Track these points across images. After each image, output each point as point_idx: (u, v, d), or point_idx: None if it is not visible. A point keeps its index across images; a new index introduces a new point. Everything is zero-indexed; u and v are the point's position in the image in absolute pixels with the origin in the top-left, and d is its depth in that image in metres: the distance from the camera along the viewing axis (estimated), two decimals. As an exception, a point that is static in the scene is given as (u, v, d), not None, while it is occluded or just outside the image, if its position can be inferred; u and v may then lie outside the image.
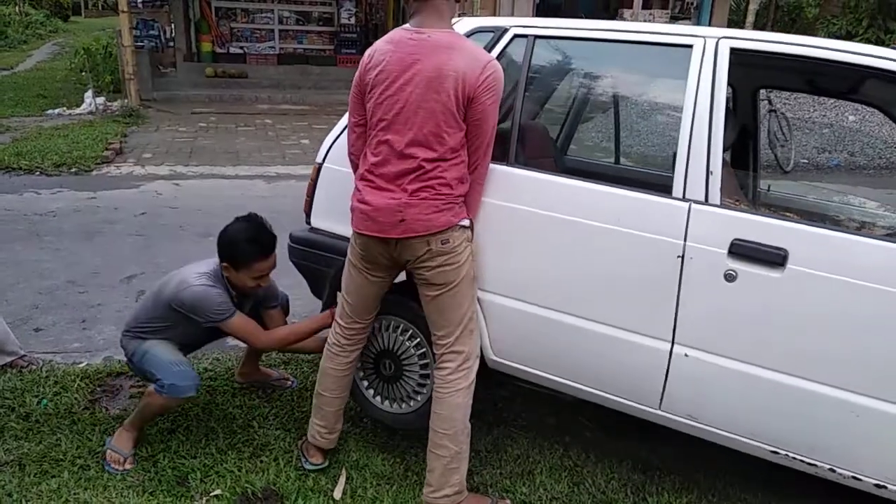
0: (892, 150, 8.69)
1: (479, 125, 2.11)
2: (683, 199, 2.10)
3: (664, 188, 2.16)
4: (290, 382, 3.07)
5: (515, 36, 2.43)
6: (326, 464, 2.52)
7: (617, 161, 3.87)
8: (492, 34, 2.46)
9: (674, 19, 13.80)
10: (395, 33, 2.16)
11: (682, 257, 2.06)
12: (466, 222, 2.21)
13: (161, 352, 2.50)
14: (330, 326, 2.51)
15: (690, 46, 2.17)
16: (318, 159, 2.67)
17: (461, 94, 2.04)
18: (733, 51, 2.12)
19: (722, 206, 2.07)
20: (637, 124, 8.54)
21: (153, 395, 2.45)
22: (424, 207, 2.09)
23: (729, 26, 14.65)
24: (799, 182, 7.42)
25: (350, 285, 2.35)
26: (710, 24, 13.76)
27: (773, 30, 15.75)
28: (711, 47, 2.14)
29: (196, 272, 2.50)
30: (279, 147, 8.14)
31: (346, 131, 2.42)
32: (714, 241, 2.03)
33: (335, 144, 2.62)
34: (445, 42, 2.07)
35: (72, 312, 3.74)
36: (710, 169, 2.08)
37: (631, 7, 11.63)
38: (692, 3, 13.94)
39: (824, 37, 13.27)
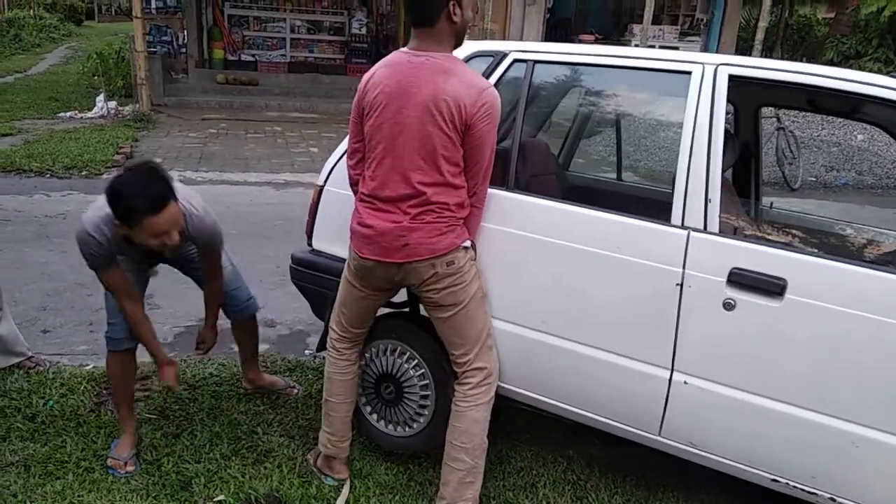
0: (901, 170, 8.68)
1: (476, 151, 2.11)
2: (682, 226, 2.09)
3: (663, 217, 2.15)
4: (295, 390, 3.07)
5: (515, 61, 2.44)
6: (347, 478, 2.50)
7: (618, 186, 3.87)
8: (492, 58, 2.46)
9: (683, 35, 13.85)
10: (394, 56, 2.17)
11: (681, 285, 2.06)
12: (468, 243, 2.21)
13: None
14: (164, 374, 2.53)
15: (689, 73, 2.17)
16: (320, 182, 2.68)
17: (458, 121, 2.04)
18: (732, 78, 2.11)
19: (721, 234, 2.07)
20: (635, 153, 8.56)
21: (107, 355, 2.52)
22: (427, 231, 2.09)
23: (738, 44, 14.69)
24: (806, 199, 7.41)
25: (346, 300, 2.35)
26: (719, 42, 13.79)
27: (782, 48, 15.80)
28: (710, 74, 2.13)
29: (98, 213, 2.25)
30: (288, 154, 8.18)
31: (344, 157, 2.44)
32: (713, 269, 2.03)
33: (336, 167, 2.62)
34: (443, 67, 2.07)
35: (79, 315, 3.76)
36: (709, 197, 2.07)
37: (640, 23, 11.66)
38: (702, 20, 13.98)
39: (833, 56, 13.30)
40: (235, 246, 4.93)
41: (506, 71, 2.44)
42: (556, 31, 14.63)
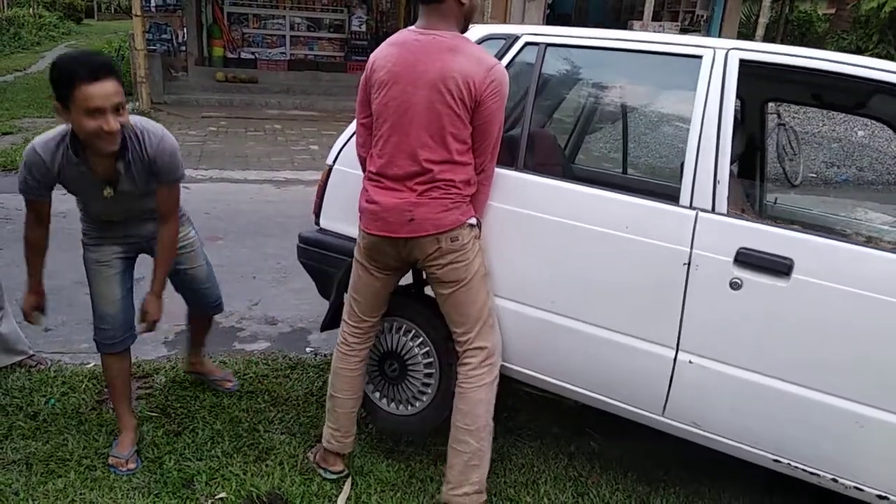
0: (902, 166, 8.67)
1: (485, 128, 2.13)
2: (691, 207, 2.11)
3: (671, 198, 2.17)
4: (230, 384, 3.02)
5: (527, 44, 2.45)
6: (347, 471, 2.51)
7: (625, 171, 3.88)
8: (503, 41, 2.48)
9: (684, 31, 13.83)
10: (401, 34, 2.18)
11: (689, 265, 2.07)
12: (474, 220, 2.23)
13: (96, 293, 2.47)
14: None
15: (700, 57, 2.19)
16: (329, 161, 2.69)
17: (467, 98, 2.05)
18: (742, 62, 2.13)
19: (729, 214, 2.08)
20: (646, 134, 8.56)
21: (101, 356, 2.52)
22: (433, 206, 2.11)
23: (739, 39, 14.67)
24: (807, 195, 7.40)
25: (357, 284, 2.36)
26: (719, 37, 13.78)
27: (783, 43, 15.76)
28: (721, 58, 2.15)
29: (51, 133, 2.23)
30: (288, 152, 8.18)
31: (353, 137, 2.44)
32: (720, 249, 2.04)
33: (346, 146, 2.64)
34: (450, 44, 2.08)
35: (80, 313, 3.75)
36: (718, 178, 2.09)
37: (641, 19, 11.65)
38: (702, 16, 13.96)
39: (834, 51, 13.26)
40: (235, 243, 4.95)
41: (517, 54, 2.45)
42: (556, 26, 14.62)
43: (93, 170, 2.24)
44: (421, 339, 2.50)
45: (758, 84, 2.85)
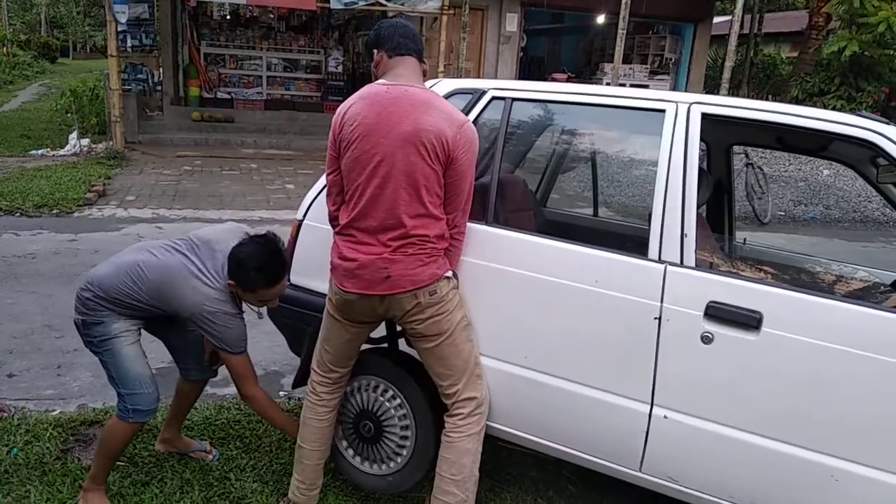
0: (865, 204, 8.90)
1: (457, 183, 2.14)
2: (659, 260, 2.12)
3: (640, 252, 2.17)
4: (211, 455, 2.83)
5: (493, 98, 2.47)
6: None
7: (596, 214, 3.93)
8: (470, 96, 2.49)
9: (653, 74, 14.21)
10: (369, 88, 2.17)
11: (659, 319, 2.07)
12: (450, 273, 2.21)
13: (130, 357, 2.37)
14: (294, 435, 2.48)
15: (663, 111, 2.22)
16: (299, 216, 2.68)
17: (441, 154, 2.06)
18: (705, 116, 2.16)
19: (697, 267, 2.09)
20: (610, 189, 8.71)
21: (116, 424, 2.40)
22: (409, 262, 2.09)
23: (706, 81, 15.10)
24: (776, 234, 7.55)
25: (328, 335, 2.33)
26: (688, 80, 14.19)
27: (748, 86, 16.24)
28: (684, 112, 2.18)
29: (214, 292, 2.31)
30: (264, 191, 8.16)
31: (323, 191, 2.44)
32: (690, 303, 2.05)
33: (315, 202, 2.62)
34: (423, 98, 2.10)
35: (47, 358, 3.66)
36: (685, 231, 2.10)
37: (612, 62, 11.94)
38: (671, 60, 14.38)
39: (798, 93, 13.64)
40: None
41: (484, 108, 2.48)
42: (529, 69, 14.94)
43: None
44: (397, 399, 2.46)
45: (723, 129, 2.92)
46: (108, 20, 9.30)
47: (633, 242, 2.28)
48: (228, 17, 12.44)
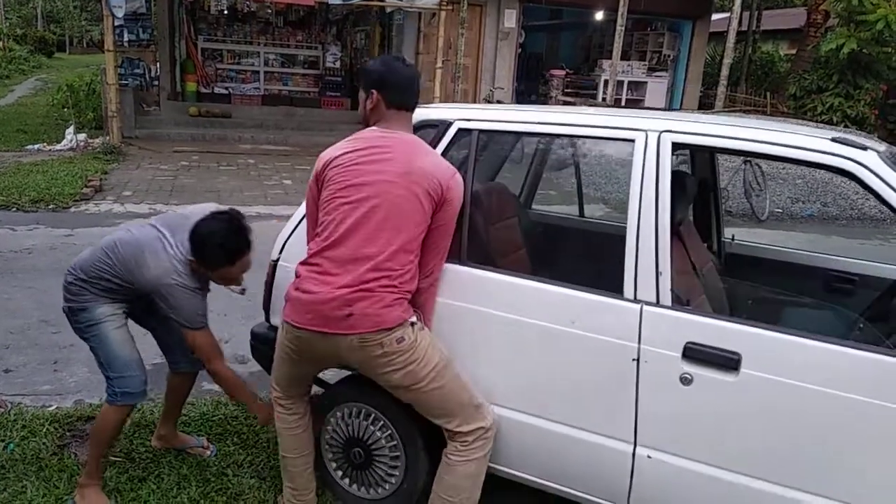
0: (863, 201, 8.91)
1: (443, 229, 2.13)
2: (635, 300, 2.07)
3: (616, 291, 2.10)
4: (209, 451, 2.83)
5: (460, 130, 2.38)
6: None
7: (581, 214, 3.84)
8: (436, 129, 2.40)
9: (651, 71, 14.21)
10: (362, 133, 2.17)
11: (637, 360, 2.04)
12: (415, 318, 2.10)
13: (117, 342, 2.39)
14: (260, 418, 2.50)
15: (633, 141, 2.12)
16: (273, 257, 2.62)
17: (433, 194, 2.05)
18: (675, 145, 2.09)
19: (674, 306, 2.04)
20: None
21: (107, 410, 2.41)
22: (374, 301, 1.98)
23: (704, 78, 15.10)
24: (772, 230, 7.56)
25: (281, 367, 2.26)
26: (686, 77, 14.19)
27: (746, 83, 16.26)
28: (654, 142, 2.09)
29: (175, 265, 2.29)
30: (261, 187, 8.14)
31: (298, 228, 2.44)
32: (668, 344, 2.00)
33: (288, 242, 2.57)
34: (417, 144, 2.14)
35: (43, 353, 3.65)
36: (660, 269, 2.04)
37: (610, 59, 11.94)
38: (669, 56, 14.38)
39: (796, 90, 13.61)
40: (206, 280, 4.88)
41: (451, 142, 2.38)
42: (527, 65, 14.93)
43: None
44: (382, 423, 2.40)
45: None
46: (104, 15, 9.27)
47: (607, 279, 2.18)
48: (226, 11, 12.38)
